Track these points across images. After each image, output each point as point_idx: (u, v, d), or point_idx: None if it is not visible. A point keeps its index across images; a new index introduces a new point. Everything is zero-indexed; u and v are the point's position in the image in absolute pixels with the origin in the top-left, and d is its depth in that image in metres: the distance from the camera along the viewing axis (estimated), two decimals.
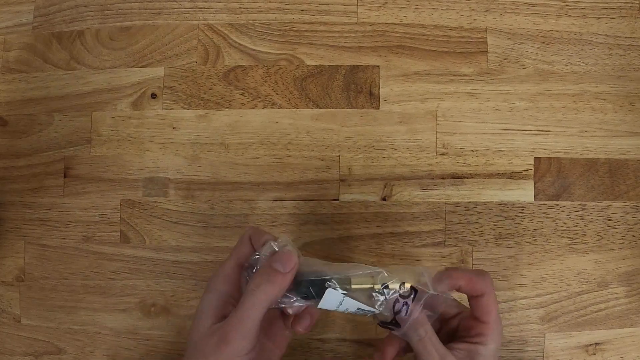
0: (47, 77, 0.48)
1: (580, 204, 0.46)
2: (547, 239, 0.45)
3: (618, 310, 0.45)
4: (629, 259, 0.45)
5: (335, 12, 0.47)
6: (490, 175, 0.46)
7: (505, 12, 0.47)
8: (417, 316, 0.32)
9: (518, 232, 0.45)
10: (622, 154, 0.46)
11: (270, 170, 0.46)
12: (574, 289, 0.45)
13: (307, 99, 0.46)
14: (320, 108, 0.46)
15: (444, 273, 0.34)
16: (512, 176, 0.46)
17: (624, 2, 0.47)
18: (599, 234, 0.45)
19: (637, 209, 0.46)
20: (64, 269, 0.46)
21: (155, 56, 0.47)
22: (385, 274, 0.32)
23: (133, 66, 0.47)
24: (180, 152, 0.46)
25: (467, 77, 0.46)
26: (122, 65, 0.47)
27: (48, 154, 0.47)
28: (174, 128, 0.47)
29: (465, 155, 0.46)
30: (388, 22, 0.47)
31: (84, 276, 0.46)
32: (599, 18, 0.47)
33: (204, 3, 0.48)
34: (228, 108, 0.46)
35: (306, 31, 0.47)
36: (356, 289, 0.31)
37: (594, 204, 0.46)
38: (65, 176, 0.47)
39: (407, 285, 0.32)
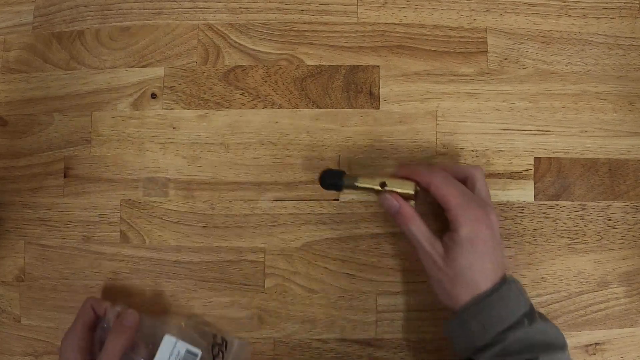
0: (47, 77, 0.48)
1: (580, 204, 0.46)
2: (547, 239, 0.45)
3: (618, 310, 0.45)
4: (629, 259, 0.45)
5: (335, 12, 0.47)
6: (490, 175, 0.46)
7: (505, 12, 0.47)
8: (408, 211, 0.39)
9: (518, 232, 0.45)
10: (622, 154, 0.46)
11: (270, 170, 0.46)
12: (574, 289, 0.45)
13: (307, 99, 0.46)
14: (320, 108, 0.46)
15: (397, 168, 0.41)
16: (512, 176, 0.46)
17: (624, 2, 0.47)
18: (599, 234, 0.45)
19: (637, 209, 0.46)
20: (64, 269, 0.46)
21: (155, 56, 0.47)
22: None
23: (133, 66, 0.47)
24: (180, 152, 0.46)
25: (467, 77, 0.46)
26: (122, 65, 0.47)
27: (48, 154, 0.47)
28: (174, 128, 0.47)
29: (465, 155, 0.46)
30: (388, 22, 0.47)
31: (84, 276, 0.46)
32: (599, 18, 0.47)
33: (204, 3, 0.48)
34: (228, 108, 0.46)
35: (306, 31, 0.47)
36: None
37: (594, 204, 0.46)
38: (65, 176, 0.47)
39: None
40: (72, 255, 0.46)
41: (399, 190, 0.40)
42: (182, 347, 0.40)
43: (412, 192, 0.40)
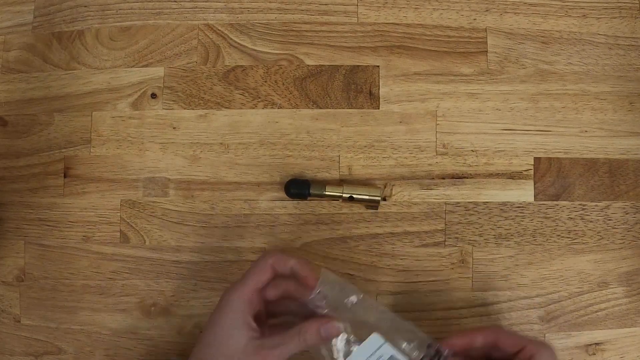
0: (47, 77, 0.48)
1: (580, 204, 0.46)
2: (547, 239, 0.45)
3: (618, 310, 0.45)
4: (629, 259, 0.45)
5: (335, 12, 0.47)
6: (490, 175, 0.46)
7: (505, 12, 0.47)
8: None
9: (518, 232, 0.45)
10: (622, 154, 0.46)
11: (270, 170, 0.46)
12: (574, 289, 0.45)
13: (307, 99, 0.46)
14: (320, 108, 0.46)
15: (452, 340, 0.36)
16: (512, 176, 0.46)
17: (624, 2, 0.47)
18: (599, 234, 0.45)
19: (637, 209, 0.46)
20: (64, 269, 0.46)
21: (155, 56, 0.47)
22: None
23: (133, 66, 0.47)
24: (180, 152, 0.46)
25: (467, 77, 0.46)
26: (122, 65, 0.47)
27: (48, 154, 0.47)
28: (174, 128, 0.47)
29: (465, 155, 0.46)
30: (388, 22, 0.47)
31: (84, 276, 0.46)
32: (599, 18, 0.47)
33: (204, 3, 0.48)
34: (228, 108, 0.46)
35: (306, 31, 0.47)
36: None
37: (594, 204, 0.46)
38: (65, 176, 0.47)
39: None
40: (72, 255, 0.46)
41: (366, 197, 0.43)
42: (388, 352, 0.35)
43: (379, 197, 0.43)
